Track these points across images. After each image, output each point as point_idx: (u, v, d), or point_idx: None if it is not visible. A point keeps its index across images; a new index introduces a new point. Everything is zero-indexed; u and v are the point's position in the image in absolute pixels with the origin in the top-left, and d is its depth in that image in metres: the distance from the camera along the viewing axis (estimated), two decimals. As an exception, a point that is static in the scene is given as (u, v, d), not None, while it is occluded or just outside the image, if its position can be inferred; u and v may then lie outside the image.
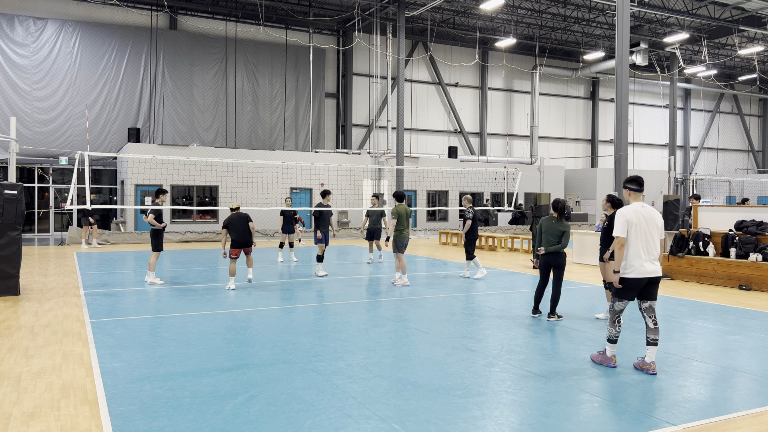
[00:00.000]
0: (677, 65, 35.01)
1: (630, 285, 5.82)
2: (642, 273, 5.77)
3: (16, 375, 5.63)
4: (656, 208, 34.08)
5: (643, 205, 5.92)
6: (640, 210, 5.86)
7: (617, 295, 5.91)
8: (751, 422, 4.63)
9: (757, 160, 46.41)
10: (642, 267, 5.77)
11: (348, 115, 31.69)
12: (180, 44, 27.83)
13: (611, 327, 5.99)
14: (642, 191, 6.02)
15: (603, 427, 4.49)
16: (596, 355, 6.20)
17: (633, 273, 5.79)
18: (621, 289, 5.86)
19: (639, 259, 5.78)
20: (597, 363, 6.11)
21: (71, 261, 15.44)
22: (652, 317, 5.88)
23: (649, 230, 5.84)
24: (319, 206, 13.14)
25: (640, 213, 5.85)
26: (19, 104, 24.84)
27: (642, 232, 5.82)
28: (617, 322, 5.97)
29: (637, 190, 6.01)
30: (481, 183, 30.51)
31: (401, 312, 8.84)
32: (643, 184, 6.01)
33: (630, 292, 5.84)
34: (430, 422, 4.52)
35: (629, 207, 5.91)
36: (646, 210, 5.88)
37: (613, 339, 5.99)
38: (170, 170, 23.22)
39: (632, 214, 5.83)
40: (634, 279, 5.79)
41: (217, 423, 4.47)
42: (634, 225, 5.81)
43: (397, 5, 27.29)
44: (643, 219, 5.84)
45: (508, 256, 18.01)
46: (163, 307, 9.05)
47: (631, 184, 6.03)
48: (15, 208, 9.84)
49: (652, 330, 5.86)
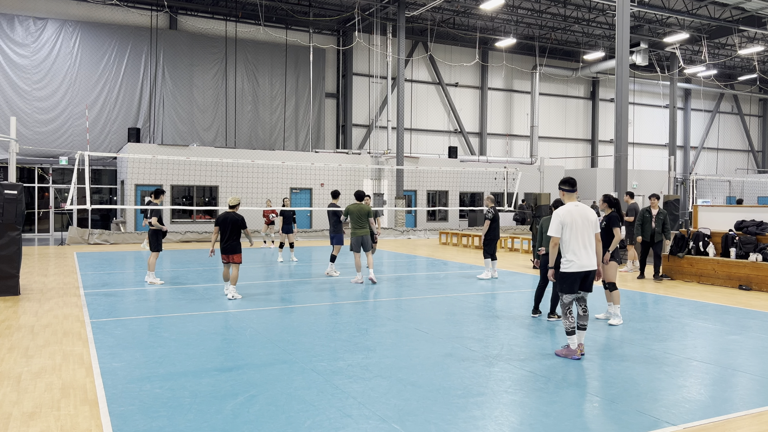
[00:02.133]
0: (677, 65, 35.01)
1: (570, 278, 6.27)
2: (580, 267, 6.24)
3: (16, 375, 5.63)
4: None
5: (577, 204, 6.34)
6: (573, 209, 6.28)
7: (563, 290, 6.34)
8: (751, 422, 4.63)
9: (757, 160, 46.41)
10: (579, 261, 6.23)
11: (348, 115, 31.70)
12: (180, 44, 27.83)
13: (565, 320, 6.32)
14: (575, 191, 6.44)
15: (603, 427, 4.49)
16: (561, 350, 6.41)
17: (572, 267, 6.24)
18: (563, 283, 6.30)
19: (577, 255, 6.22)
20: (562, 357, 6.30)
21: (71, 261, 15.44)
22: (583, 306, 6.43)
23: (585, 227, 6.25)
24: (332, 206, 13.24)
25: (573, 212, 6.25)
26: (19, 104, 24.85)
27: (576, 229, 6.21)
28: (569, 314, 6.31)
29: (570, 191, 6.43)
30: (481, 183, 30.51)
31: (401, 312, 8.84)
32: (575, 184, 6.45)
33: (572, 285, 6.29)
34: (430, 422, 4.52)
35: (563, 208, 6.33)
36: (579, 209, 6.29)
37: (570, 330, 6.28)
38: (170, 170, 23.22)
39: (566, 215, 6.25)
40: (572, 273, 6.25)
41: (217, 423, 4.47)
42: (569, 224, 6.21)
43: (397, 5, 27.29)
44: (577, 217, 6.24)
45: (508, 256, 18.01)
46: (163, 307, 9.05)
47: (564, 185, 6.46)
48: (15, 208, 9.84)
49: (582, 317, 6.42)
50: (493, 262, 12.59)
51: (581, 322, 6.42)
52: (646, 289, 11.42)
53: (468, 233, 21.94)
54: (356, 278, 11.69)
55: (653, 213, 12.47)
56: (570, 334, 6.29)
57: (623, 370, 5.94)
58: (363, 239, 11.47)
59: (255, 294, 10.39)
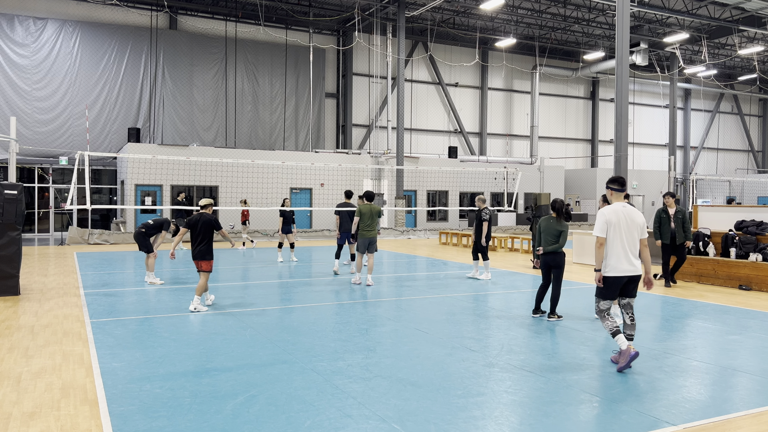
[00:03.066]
0: (677, 65, 35.02)
1: (611, 283, 5.94)
2: (621, 272, 5.88)
3: (16, 375, 5.63)
4: (656, 207, 34.12)
5: (624, 204, 5.99)
6: (620, 210, 5.94)
7: (599, 294, 6.01)
8: (751, 422, 4.63)
9: (757, 160, 46.41)
10: (621, 266, 5.88)
11: (348, 115, 31.70)
12: (180, 44, 27.83)
13: (605, 322, 5.99)
14: (624, 191, 6.11)
15: (603, 427, 4.49)
16: (615, 356, 6.03)
17: (613, 272, 5.90)
18: (603, 288, 5.96)
19: (618, 259, 5.88)
20: (624, 363, 5.79)
21: (71, 261, 15.44)
22: (630, 313, 6.04)
23: (630, 230, 5.91)
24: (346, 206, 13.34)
25: (620, 213, 5.93)
26: (19, 104, 24.85)
27: (622, 231, 5.89)
28: (607, 316, 6.02)
29: (619, 190, 6.09)
30: (481, 183, 30.51)
31: (401, 312, 8.84)
32: (625, 184, 6.10)
33: (611, 291, 5.95)
34: (430, 422, 4.52)
35: (610, 207, 6.00)
36: (626, 210, 5.95)
37: (615, 331, 5.90)
38: (170, 170, 23.22)
39: (612, 215, 5.93)
40: (614, 278, 5.91)
41: (217, 423, 4.47)
42: (614, 225, 5.90)
43: (397, 5, 27.29)
44: (623, 219, 5.91)
45: (508, 256, 18.01)
46: (163, 307, 9.05)
47: (613, 184, 6.11)
48: (15, 208, 9.84)
49: (629, 326, 6.03)
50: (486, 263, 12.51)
51: (628, 332, 5.99)
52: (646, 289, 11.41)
53: (468, 233, 21.94)
54: (355, 278, 11.65)
55: (671, 213, 11.65)
56: (615, 334, 5.87)
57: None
58: (371, 241, 11.38)
59: (255, 294, 10.39)
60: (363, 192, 11.82)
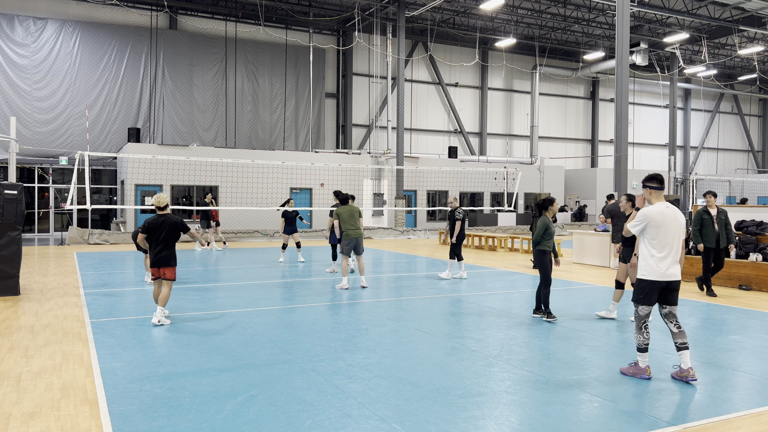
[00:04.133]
0: (677, 65, 35.02)
1: (649, 287, 5.53)
2: (662, 276, 5.48)
3: (16, 375, 5.63)
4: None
5: (668, 204, 5.58)
6: (665, 210, 5.53)
7: (638, 300, 5.61)
8: (751, 422, 4.63)
9: (757, 160, 46.41)
10: (662, 269, 5.48)
11: (348, 115, 31.70)
12: (180, 44, 27.83)
13: (639, 334, 5.62)
14: (663, 189, 5.70)
15: (603, 427, 4.49)
16: (627, 368, 5.75)
17: (653, 275, 5.50)
18: (640, 292, 5.59)
19: (661, 262, 5.48)
20: (629, 375, 5.65)
21: (71, 261, 15.44)
22: (674, 322, 5.61)
23: (675, 232, 5.51)
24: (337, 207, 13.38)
25: (665, 213, 5.52)
26: (19, 104, 24.85)
27: (668, 233, 5.49)
28: (644, 328, 5.60)
29: (658, 188, 5.66)
30: (481, 183, 30.51)
31: (401, 312, 8.84)
32: (663, 181, 5.70)
33: (650, 296, 5.54)
34: (430, 422, 4.52)
35: (654, 208, 5.55)
36: (670, 210, 5.55)
37: (643, 347, 5.59)
38: (170, 170, 23.22)
39: (658, 216, 5.50)
40: (652, 281, 5.51)
41: (217, 423, 4.47)
42: (661, 226, 5.48)
43: (397, 5, 27.29)
44: (671, 220, 5.50)
45: (508, 256, 18.01)
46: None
47: (651, 182, 5.68)
48: (15, 208, 9.84)
49: (677, 334, 5.56)
50: (460, 263, 12.53)
51: (680, 341, 5.54)
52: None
53: (468, 233, 21.94)
54: (342, 284, 10.86)
55: (713, 213, 10.58)
56: (642, 351, 5.57)
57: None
58: (357, 241, 10.90)
59: (255, 294, 10.39)
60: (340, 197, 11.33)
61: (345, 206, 11.03)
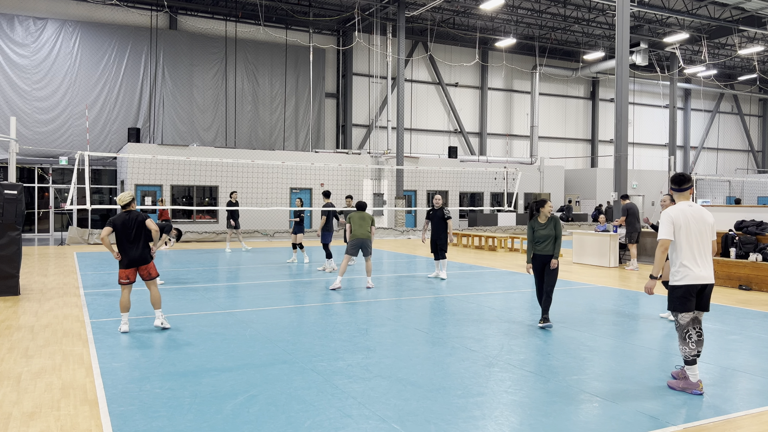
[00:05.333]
0: (677, 65, 35.01)
1: (684, 292, 5.26)
2: (694, 279, 5.23)
3: (16, 375, 5.63)
4: (656, 208, 34.13)
5: (690, 203, 5.39)
6: (687, 209, 5.33)
7: (675, 308, 5.32)
8: (751, 422, 4.63)
9: (757, 160, 46.41)
10: (694, 272, 5.24)
11: (348, 115, 31.70)
12: (180, 44, 27.83)
13: (684, 345, 5.29)
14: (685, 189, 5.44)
15: (603, 427, 4.49)
16: (675, 382, 5.36)
17: (687, 279, 5.24)
18: (675, 300, 5.31)
19: (690, 264, 5.25)
20: (679, 390, 5.28)
21: (71, 261, 15.44)
22: (698, 328, 5.33)
23: (700, 232, 5.30)
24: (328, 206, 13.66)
25: (687, 212, 5.32)
26: (19, 104, 24.84)
27: (690, 234, 5.28)
28: (688, 338, 5.27)
29: (680, 190, 5.43)
30: (481, 183, 30.51)
31: (401, 312, 8.84)
32: (684, 181, 5.42)
33: (689, 301, 5.25)
34: (430, 422, 4.52)
35: (675, 207, 5.38)
36: (693, 209, 5.35)
37: (691, 359, 5.24)
38: (170, 170, 23.22)
39: (679, 215, 5.31)
40: (687, 286, 5.25)
41: (217, 423, 4.47)
42: (683, 226, 5.28)
43: (397, 5, 27.29)
44: (692, 219, 5.30)
45: (508, 256, 18.01)
46: (163, 306, 9.04)
47: (675, 184, 5.47)
48: (15, 208, 9.84)
49: (696, 342, 5.33)
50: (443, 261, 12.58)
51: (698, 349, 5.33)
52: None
53: (468, 233, 21.95)
54: (335, 284, 10.86)
55: None
56: (690, 364, 5.24)
57: (623, 370, 5.94)
58: (363, 243, 11.06)
59: (255, 294, 10.39)
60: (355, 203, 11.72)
61: (358, 212, 11.34)
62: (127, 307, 7.42)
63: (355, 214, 11.31)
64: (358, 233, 11.08)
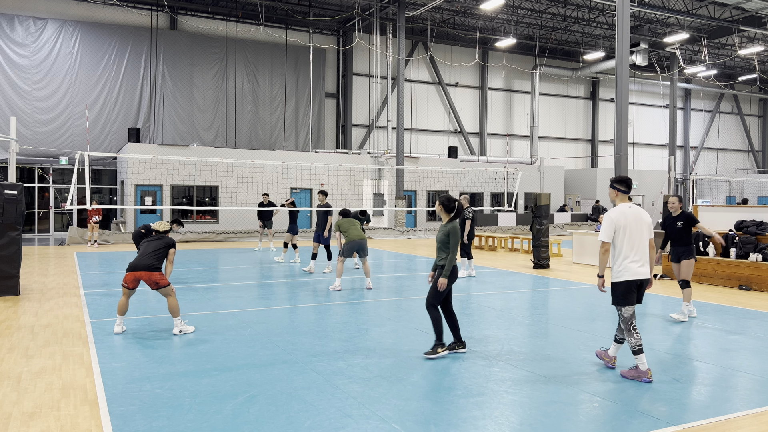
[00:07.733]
0: (677, 65, 35.01)
1: (626, 288, 5.65)
2: (633, 275, 5.63)
3: (16, 375, 5.63)
4: (656, 208, 34.11)
5: (630, 205, 5.77)
6: (627, 211, 5.71)
7: (618, 302, 5.70)
8: (751, 422, 4.63)
9: (757, 160, 46.41)
10: (633, 269, 5.63)
11: (348, 115, 31.69)
12: (180, 44, 27.83)
13: (629, 337, 5.63)
14: (628, 193, 5.85)
15: (603, 427, 4.49)
16: (627, 371, 5.71)
17: (627, 275, 5.64)
18: (617, 295, 5.69)
19: (630, 262, 5.64)
20: (630, 378, 5.63)
21: (71, 261, 15.44)
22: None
23: (640, 231, 5.68)
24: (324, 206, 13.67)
25: (627, 214, 5.69)
26: (19, 104, 24.84)
27: (631, 233, 5.65)
28: (633, 329, 5.63)
29: (624, 192, 5.84)
30: (481, 183, 30.51)
31: (401, 312, 8.84)
32: (630, 186, 5.84)
33: (630, 295, 5.66)
34: (430, 422, 4.52)
35: (616, 209, 5.74)
36: (633, 210, 5.71)
37: (637, 348, 5.57)
38: (170, 170, 23.22)
39: (620, 216, 5.68)
40: (629, 282, 5.64)
41: (217, 423, 4.47)
42: (623, 227, 5.65)
43: (397, 5, 27.29)
44: (632, 220, 5.67)
45: (508, 256, 18.01)
46: (163, 307, 9.04)
47: (620, 185, 5.84)
48: (15, 208, 9.85)
49: (621, 330, 5.88)
50: (470, 261, 12.81)
51: (620, 335, 5.91)
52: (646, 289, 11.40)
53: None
54: (335, 285, 10.86)
55: None
56: (637, 353, 5.56)
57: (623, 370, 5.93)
58: (360, 244, 10.97)
59: (255, 294, 10.39)
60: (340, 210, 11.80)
61: (345, 218, 11.39)
62: (123, 310, 7.36)
63: (344, 220, 11.29)
64: (354, 236, 10.99)
